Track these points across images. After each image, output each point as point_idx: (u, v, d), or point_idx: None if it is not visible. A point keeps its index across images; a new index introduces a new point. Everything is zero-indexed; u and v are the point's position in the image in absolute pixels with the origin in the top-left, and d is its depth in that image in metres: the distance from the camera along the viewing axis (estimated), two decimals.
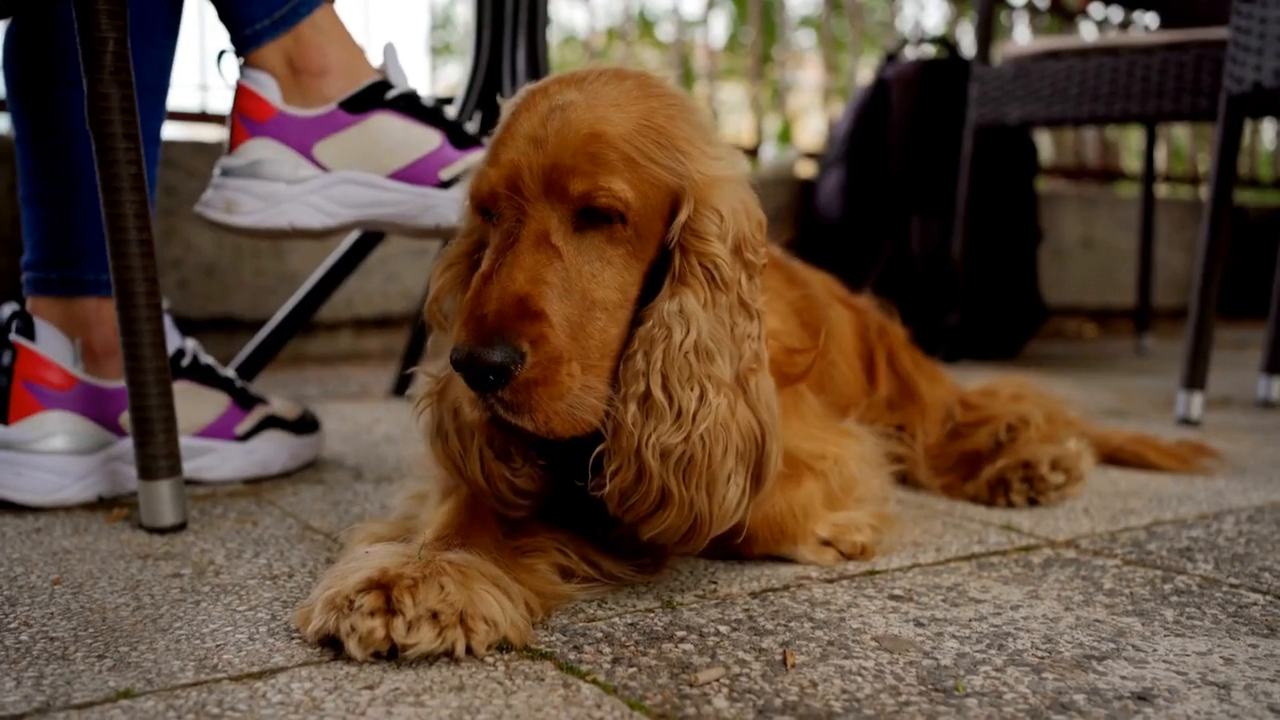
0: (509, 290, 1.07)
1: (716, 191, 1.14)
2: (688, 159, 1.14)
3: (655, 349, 1.11)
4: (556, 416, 1.08)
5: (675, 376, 1.11)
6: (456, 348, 1.06)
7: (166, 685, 0.95)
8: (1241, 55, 2.35)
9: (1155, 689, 0.97)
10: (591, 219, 1.11)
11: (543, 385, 1.06)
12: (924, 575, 1.32)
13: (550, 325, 1.07)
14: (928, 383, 1.90)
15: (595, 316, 1.11)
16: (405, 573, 1.02)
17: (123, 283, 1.40)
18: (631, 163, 1.11)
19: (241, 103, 1.62)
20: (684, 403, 1.11)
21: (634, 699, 0.94)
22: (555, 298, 1.08)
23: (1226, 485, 1.84)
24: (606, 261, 1.12)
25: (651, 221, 1.13)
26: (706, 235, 1.13)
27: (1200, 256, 2.46)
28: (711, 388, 1.12)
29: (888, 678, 0.99)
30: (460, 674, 0.98)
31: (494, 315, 1.06)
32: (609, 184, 1.09)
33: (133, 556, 1.35)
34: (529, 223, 1.10)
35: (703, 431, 1.11)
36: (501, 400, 1.07)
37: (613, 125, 1.11)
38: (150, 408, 1.43)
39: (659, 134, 1.13)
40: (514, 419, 1.08)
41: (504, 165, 1.12)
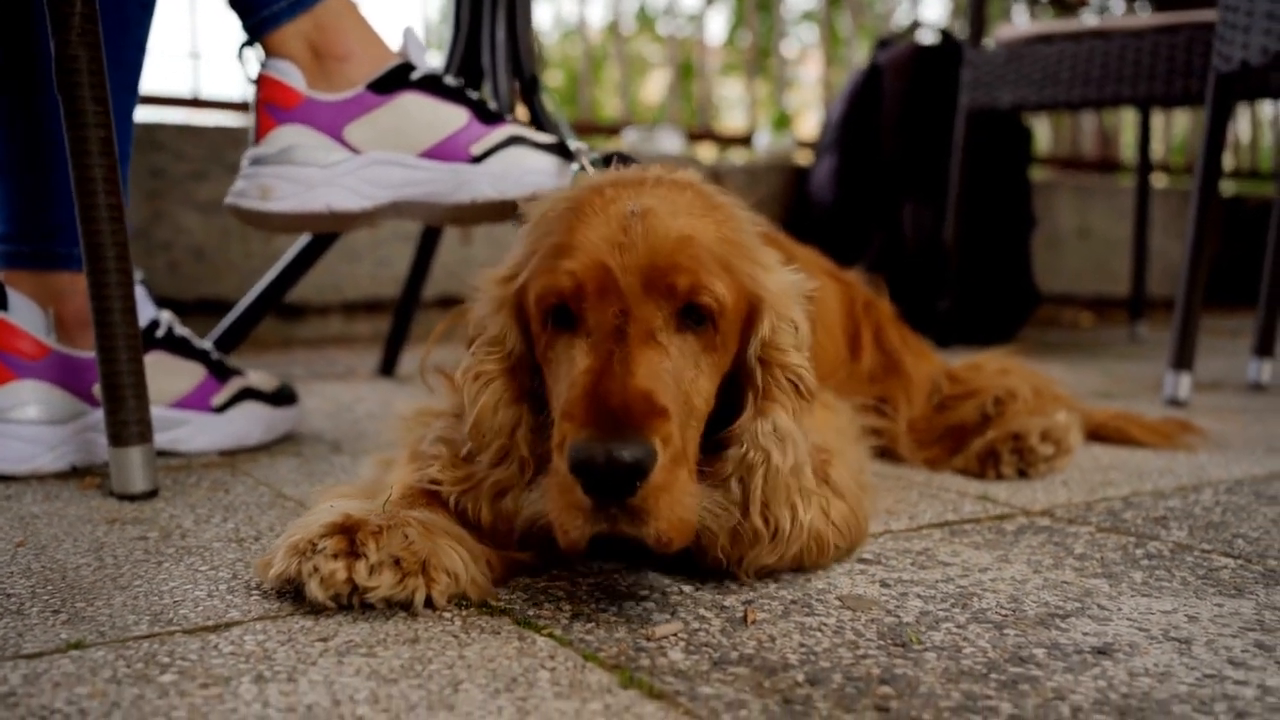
0: (632, 385, 0.97)
1: (788, 302, 1.12)
2: (764, 271, 1.11)
3: (754, 476, 1.07)
4: (675, 526, 0.97)
5: (774, 502, 1.09)
6: (581, 445, 0.93)
7: (119, 637, 0.94)
8: (1229, 34, 2.34)
9: (1116, 644, 0.96)
10: (689, 322, 1.04)
11: (666, 491, 0.95)
12: (895, 541, 1.31)
13: (671, 423, 0.97)
14: (914, 358, 1.89)
15: (691, 424, 1.04)
16: (370, 520, 1.02)
17: (92, 247, 1.39)
18: (726, 267, 1.06)
19: (266, 92, 1.62)
20: (781, 525, 1.09)
21: (589, 651, 0.93)
22: (669, 397, 1.00)
23: (1208, 460, 1.83)
24: (700, 369, 1.06)
25: (735, 330, 1.09)
26: (786, 347, 1.10)
27: (1189, 237, 2.45)
28: (802, 502, 1.10)
29: (848, 633, 0.99)
30: (416, 627, 0.97)
31: (623, 409, 0.95)
32: (710, 283, 1.03)
33: (100, 521, 1.34)
34: (635, 320, 1.01)
35: (797, 550, 1.11)
36: (628, 508, 0.94)
37: (699, 232, 1.06)
38: (120, 373, 1.42)
39: (733, 245, 1.09)
40: (636, 530, 0.95)
41: (587, 264, 1.02)
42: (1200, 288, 2.44)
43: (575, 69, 6.19)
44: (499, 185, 1.60)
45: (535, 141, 1.64)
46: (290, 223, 1.63)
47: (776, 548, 1.10)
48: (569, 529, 0.97)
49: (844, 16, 5.81)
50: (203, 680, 0.85)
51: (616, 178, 1.13)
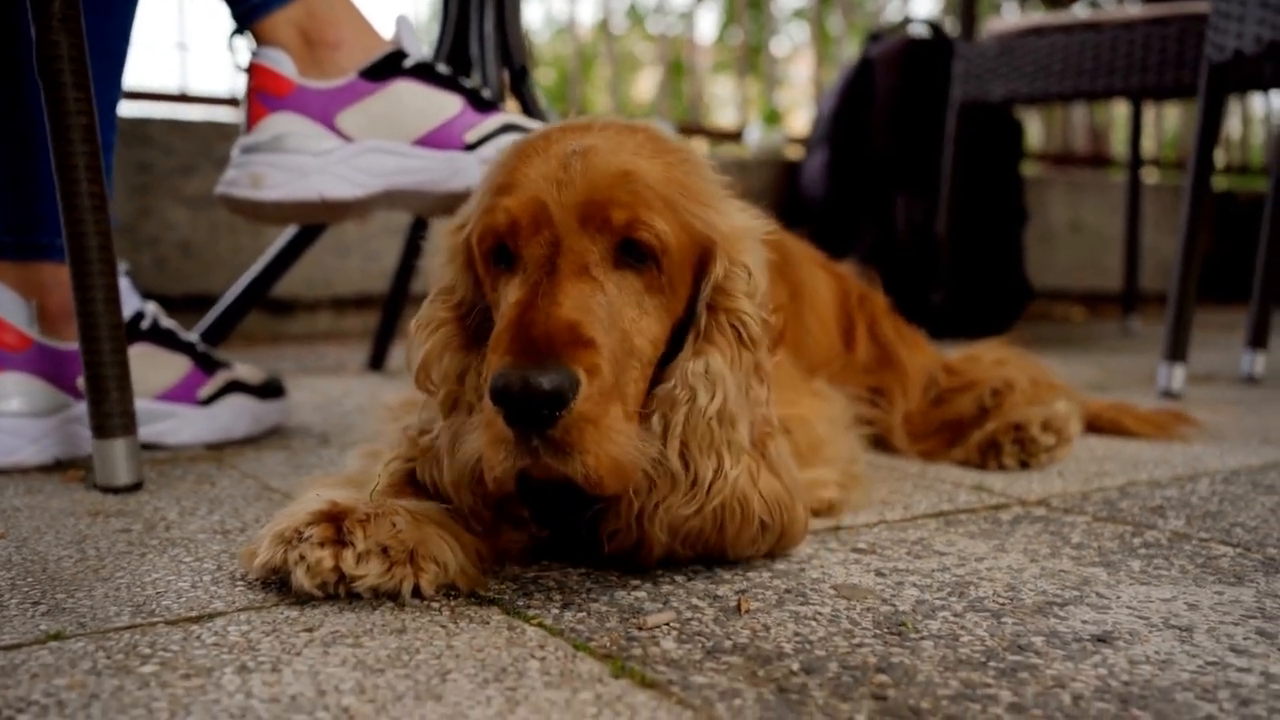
0: (556, 315, 0.95)
1: (743, 246, 1.08)
2: (717, 214, 1.08)
3: (676, 412, 1.03)
4: (607, 464, 0.95)
5: (695, 443, 1.03)
6: (500, 374, 0.92)
7: (99, 629, 0.92)
8: (1223, 23, 2.33)
9: (1116, 632, 0.95)
10: (629, 260, 1.02)
11: (593, 424, 0.93)
12: (890, 531, 1.29)
13: (600, 356, 0.96)
14: (909, 350, 1.88)
15: (632, 364, 1.01)
16: (357, 508, 1.00)
17: (75, 236, 1.37)
18: (669, 205, 1.03)
19: (257, 81, 1.59)
20: (701, 472, 1.03)
21: (579, 640, 0.91)
22: (602, 331, 0.97)
23: (1204, 450, 1.82)
24: (643, 309, 1.03)
25: (683, 273, 1.06)
26: (735, 292, 1.06)
27: (1182, 228, 2.44)
28: (730, 456, 1.04)
29: (843, 622, 0.97)
30: (403, 617, 0.96)
31: (544, 338, 0.94)
32: (650, 219, 1.01)
33: (83, 514, 1.32)
34: (566, 253, 1.00)
35: (718, 504, 1.04)
36: (550, 440, 0.92)
37: (643, 170, 1.03)
38: (104, 364, 1.40)
39: (683, 186, 1.06)
40: (560, 464, 0.94)
41: (524, 201, 1.01)
42: (1194, 278, 2.43)
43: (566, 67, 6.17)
44: None
45: (529, 128, 1.62)
46: (282, 212, 1.61)
47: (694, 497, 1.03)
48: (494, 465, 0.96)
49: (835, 15, 5.80)
50: (184, 671, 0.83)
51: (567, 123, 1.11)
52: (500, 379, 0.92)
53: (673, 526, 1.04)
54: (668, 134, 1.14)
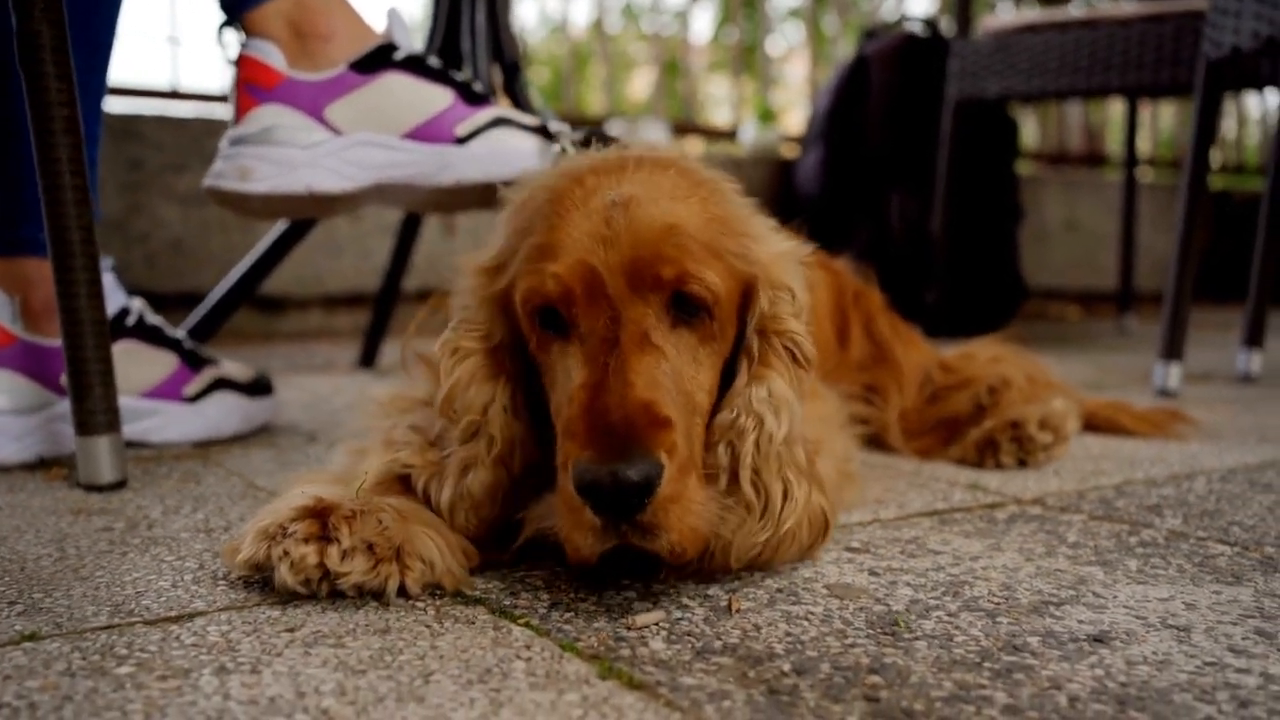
0: (631, 398, 0.93)
1: (783, 270, 1.07)
2: (755, 243, 1.06)
3: (744, 440, 1.02)
4: (687, 536, 0.94)
5: (767, 471, 1.02)
6: (586, 468, 0.90)
7: (76, 629, 0.90)
8: (1220, 19, 2.31)
9: (1113, 631, 0.93)
10: (683, 315, 1.00)
11: (675, 502, 0.92)
12: (884, 529, 1.28)
13: (679, 432, 0.94)
14: (904, 347, 1.86)
15: (695, 422, 1.01)
16: (343, 504, 0.99)
17: (57, 230, 1.35)
18: (713, 250, 1.02)
19: (246, 72, 1.57)
20: (773, 498, 1.02)
21: (566, 641, 0.89)
22: (672, 405, 0.96)
23: (1200, 449, 1.81)
24: (699, 361, 1.02)
25: (731, 314, 1.05)
26: (783, 315, 1.06)
27: (1179, 225, 2.43)
28: (794, 479, 1.04)
29: (836, 622, 0.95)
30: (387, 617, 0.94)
31: (623, 425, 0.91)
32: (700, 272, 0.99)
33: (65, 512, 1.30)
34: (626, 324, 0.97)
35: (788, 529, 1.03)
36: (639, 525, 0.91)
37: (683, 218, 1.01)
38: (87, 360, 1.38)
39: (722, 224, 1.04)
40: (648, 545, 0.93)
41: (573, 266, 0.98)
42: (1190, 276, 2.42)
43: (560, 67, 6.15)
44: (485, 167, 1.55)
45: (521, 123, 1.60)
46: (270, 205, 1.58)
47: (767, 524, 1.02)
48: (580, 546, 0.94)
49: (830, 15, 5.78)
50: (161, 672, 0.81)
51: (597, 162, 1.08)
52: (588, 474, 0.90)
53: (743, 554, 1.03)
54: (696, 165, 1.12)
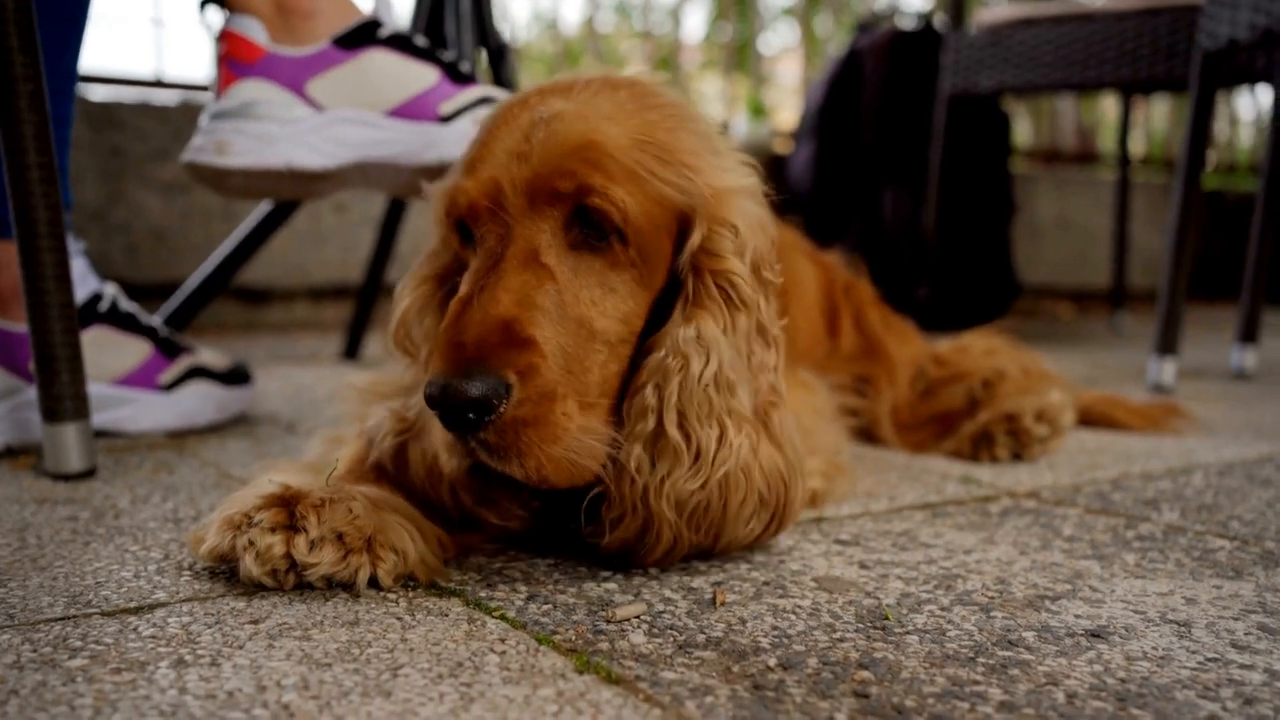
0: (492, 315, 0.92)
1: (730, 205, 1.01)
2: (695, 173, 1.00)
3: (670, 381, 0.97)
4: (551, 463, 0.92)
5: (694, 413, 0.97)
6: (431, 381, 0.90)
7: (29, 620, 0.86)
8: (1216, 11, 2.28)
9: (1111, 626, 0.90)
10: (588, 238, 0.97)
11: (534, 426, 0.91)
12: (874, 522, 1.24)
13: (542, 355, 0.92)
14: (897, 341, 1.82)
15: (595, 350, 0.97)
16: (312, 492, 0.95)
17: (22, 210, 1.30)
18: (632, 175, 0.96)
19: (228, 47, 1.53)
20: (703, 442, 0.97)
21: (543, 634, 0.86)
22: (547, 324, 0.93)
23: (1197, 444, 1.78)
24: (609, 288, 0.98)
25: (657, 244, 0.99)
26: (722, 252, 1.00)
27: (1173, 220, 2.40)
28: (732, 425, 0.98)
29: (824, 616, 0.92)
30: (357, 609, 0.90)
31: (474, 342, 0.90)
32: (604, 188, 0.95)
33: (29, 501, 1.25)
34: (515, 240, 0.96)
35: (722, 476, 0.97)
36: (485, 443, 0.91)
37: (608, 137, 0.97)
38: (54, 345, 1.33)
39: (660, 148, 0.99)
40: (500, 465, 0.92)
41: (482, 180, 0.98)
42: (1185, 271, 2.39)
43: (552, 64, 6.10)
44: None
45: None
46: (249, 182, 1.54)
47: (699, 470, 0.96)
48: (445, 464, 0.98)
49: (822, 15, 5.74)
50: (115, 665, 0.77)
51: (552, 82, 1.05)
52: (430, 386, 0.90)
53: (680, 502, 0.97)
54: (660, 88, 1.06)
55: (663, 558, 1.01)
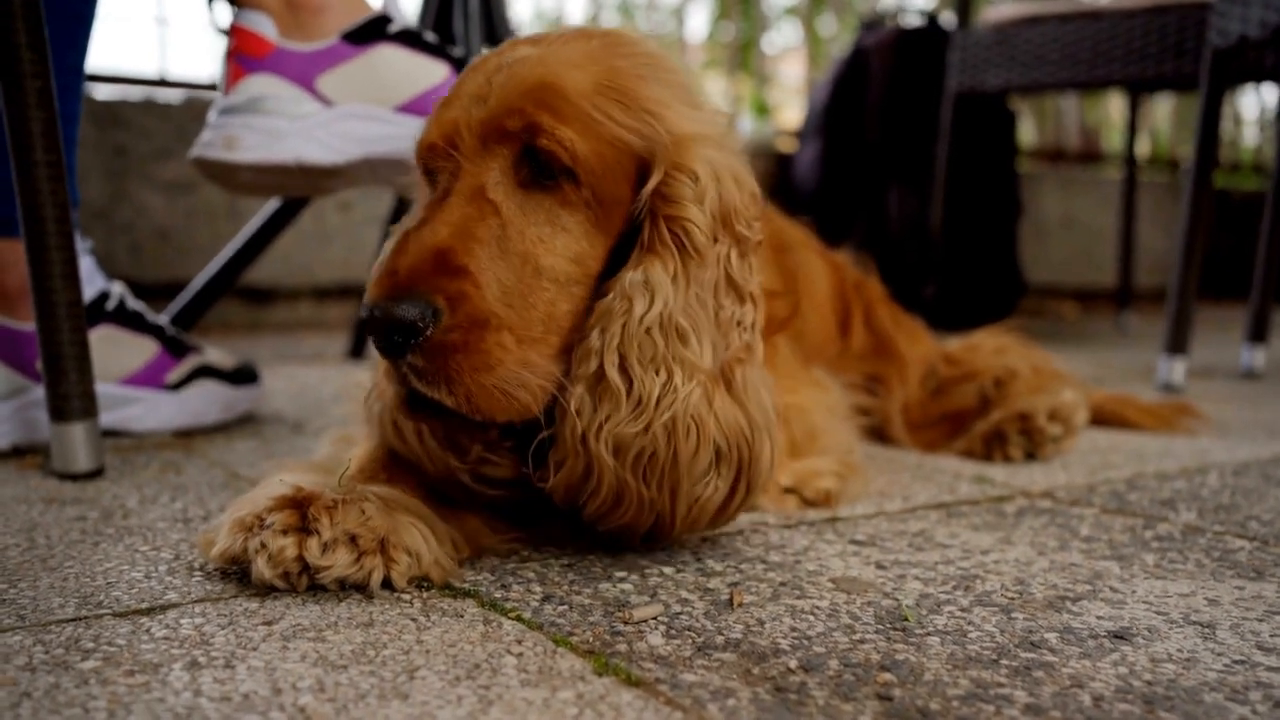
0: (428, 244, 0.93)
1: (692, 151, 0.99)
2: (657, 120, 0.99)
3: (613, 323, 0.97)
4: (482, 393, 0.93)
5: (635, 355, 0.96)
6: (363, 306, 0.93)
7: (40, 621, 0.85)
8: (1227, 8, 2.27)
9: (1134, 628, 0.89)
10: (538, 177, 0.97)
11: (464, 353, 0.92)
12: (889, 522, 1.23)
13: (475, 284, 0.93)
14: (907, 340, 1.81)
15: (542, 286, 0.97)
16: (324, 494, 0.93)
17: (30, 208, 1.29)
18: (585, 118, 0.97)
19: (237, 43, 1.52)
20: (645, 386, 0.96)
21: (559, 635, 0.85)
22: (486, 256, 0.94)
23: (1210, 443, 1.77)
24: (560, 227, 0.98)
25: (614, 187, 0.99)
26: (678, 199, 0.98)
27: (1183, 218, 2.39)
28: (681, 372, 0.96)
29: (843, 617, 0.90)
30: (371, 610, 0.89)
31: (407, 270, 0.92)
32: (552, 126, 0.95)
33: (36, 501, 1.24)
34: (464, 176, 0.98)
35: (667, 422, 0.95)
36: (415, 368, 0.92)
37: (567, 80, 0.97)
38: (61, 344, 1.32)
39: (623, 94, 0.99)
40: (431, 391, 0.93)
41: (444, 123, 0.99)
42: (1195, 270, 2.38)
43: None
44: None
45: None
46: (257, 177, 1.53)
47: (641, 414, 0.95)
48: (385, 390, 1.00)
49: (825, 15, 5.73)
50: (128, 667, 0.76)
51: (533, 34, 1.07)
52: (362, 309, 0.93)
53: (619, 446, 0.96)
54: (636, 38, 1.06)
55: (612, 508, 0.99)
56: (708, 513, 1.01)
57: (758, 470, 1.01)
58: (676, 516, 1.00)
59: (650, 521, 1.00)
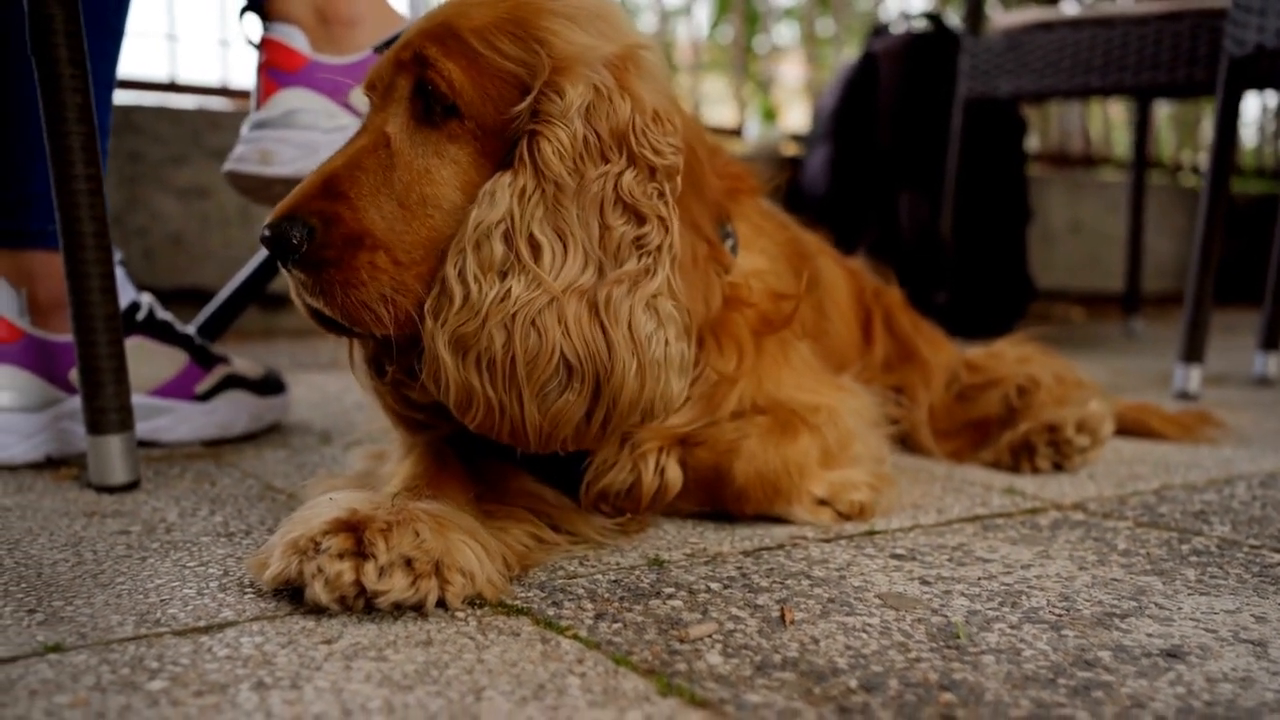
0: (321, 173, 1.04)
1: (571, 71, 1.03)
2: (545, 46, 1.04)
3: (461, 231, 1.03)
4: (354, 306, 1.01)
5: (472, 259, 1.01)
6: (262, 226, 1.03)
7: (102, 639, 0.86)
8: (1243, 16, 2.28)
9: (1185, 646, 0.89)
10: (429, 113, 1.04)
11: (337, 269, 1.00)
12: (926, 536, 1.24)
13: (351, 207, 1.01)
14: (930, 346, 1.82)
15: (427, 214, 1.04)
16: (378, 516, 0.93)
17: (69, 221, 1.30)
18: (472, 53, 1.04)
19: (269, 56, 1.53)
20: (481, 288, 1.00)
21: (619, 654, 0.85)
22: (368, 183, 1.03)
23: (1234, 453, 1.77)
24: (448, 159, 1.05)
25: (498, 118, 1.04)
26: (545, 116, 1.02)
27: (1199, 226, 2.40)
28: (524, 279, 1.00)
29: (895, 634, 0.91)
30: (428, 628, 0.89)
31: (297, 194, 1.03)
32: (435, 59, 1.03)
33: (78, 514, 1.25)
34: (372, 114, 1.08)
35: (503, 321, 0.99)
36: (300, 281, 1.03)
37: (466, 19, 1.05)
38: (99, 356, 1.33)
39: (519, 25, 1.05)
40: (313, 302, 1.03)
41: (373, 68, 1.10)
42: (1211, 278, 2.38)
43: None
44: None
45: None
46: (290, 190, 1.54)
47: (473, 315, 1.00)
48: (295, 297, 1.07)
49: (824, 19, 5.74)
50: (197, 688, 0.77)
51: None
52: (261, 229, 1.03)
53: (455, 343, 1.01)
54: None
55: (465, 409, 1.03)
56: (565, 424, 1.03)
57: (620, 395, 1.02)
58: (528, 422, 1.02)
59: (506, 425, 1.03)
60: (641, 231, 1.03)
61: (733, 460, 1.22)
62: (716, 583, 1.04)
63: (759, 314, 1.23)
